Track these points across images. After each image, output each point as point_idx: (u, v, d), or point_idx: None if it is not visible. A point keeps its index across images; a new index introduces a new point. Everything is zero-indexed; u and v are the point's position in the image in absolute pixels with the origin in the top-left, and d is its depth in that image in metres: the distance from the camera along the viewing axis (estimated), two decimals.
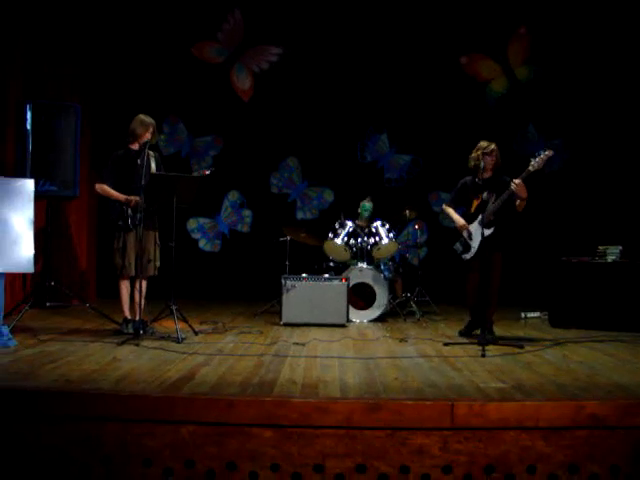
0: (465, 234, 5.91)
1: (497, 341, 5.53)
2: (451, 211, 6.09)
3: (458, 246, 5.99)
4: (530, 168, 5.55)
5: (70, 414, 3.44)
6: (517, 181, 5.50)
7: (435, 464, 3.33)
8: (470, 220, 5.90)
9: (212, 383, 3.88)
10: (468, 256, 5.90)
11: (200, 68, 9.55)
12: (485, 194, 5.77)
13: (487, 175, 5.83)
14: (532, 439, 3.34)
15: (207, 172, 5.91)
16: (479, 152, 5.83)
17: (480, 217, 5.75)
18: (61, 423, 3.43)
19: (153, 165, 5.87)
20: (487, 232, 5.54)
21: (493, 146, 5.82)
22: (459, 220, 5.94)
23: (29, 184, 5.13)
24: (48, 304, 7.02)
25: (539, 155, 5.55)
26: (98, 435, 3.41)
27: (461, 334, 6.08)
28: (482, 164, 5.69)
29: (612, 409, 3.39)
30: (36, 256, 5.18)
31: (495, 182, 5.67)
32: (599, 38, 8.99)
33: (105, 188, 5.74)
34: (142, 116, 5.81)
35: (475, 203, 5.92)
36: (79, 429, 3.42)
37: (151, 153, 5.90)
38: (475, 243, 5.82)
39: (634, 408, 3.41)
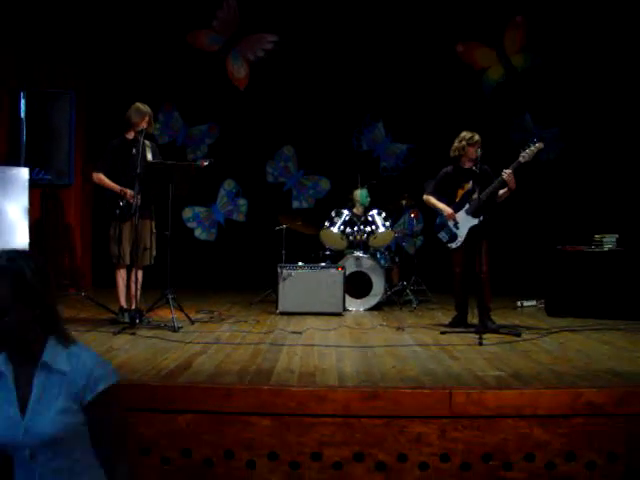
0: (451, 223, 5.89)
1: (499, 329, 5.53)
2: (435, 200, 6.01)
3: (443, 235, 5.95)
4: (520, 159, 5.56)
5: None
6: (508, 171, 5.51)
7: (433, 452, 3.33)
8: (455, 209, 5.88)
9: (209, 372, 3.87)
10: (454, 245, 5.89)
11: (195, 56, 9.49)
12: (470, 183, 5.76)
13: (469, 165, 5.82)
14: (530, 427, 3.34)
15: (205, 163, 5.88)
16: (463, 143, 5.83)
17: (467, 206, 5.76)
18: None
19: (149, 155, 5.83)
20: (477, 220, 5.53)
21: (477, 137, 5.80)
22: (446, 209, 5.90)
23: (23, 172, 5.12)
24: None
25: (529, 147, 5.56)
26: None
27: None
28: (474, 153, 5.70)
29: (609, 397, 3.39)
30: (31, 245, 5.15)
31: (478, 171, 5.65)
32: (596, 26, 8.95)
33: (101, 177, 5.71)
34: (138, 104, 5.77)
35: (460, 192, 5.90)
36: None
37: (147, 142, 5.86)
38: (462, 232, 5.81)
39: (631, 395, 3.41)
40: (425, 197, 6.12)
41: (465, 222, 5.78)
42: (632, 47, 8.78)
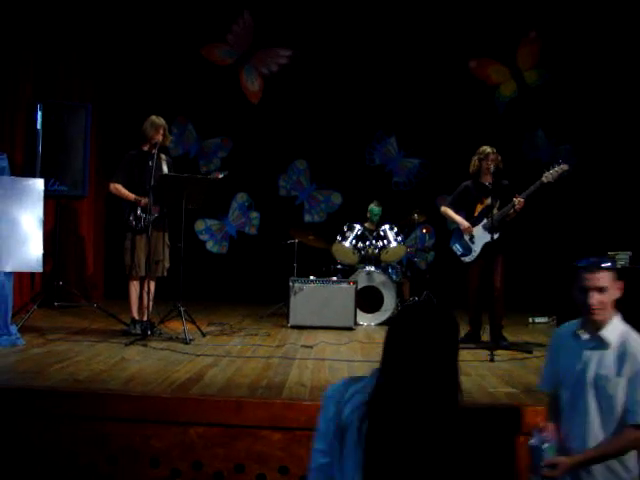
0: (467, 237, 5.89)
1: (510, 346, 5.50)
2: (452, 213, 6.03)
3: (458, 247, 5.95)
4: (543, 179, 5.53)
5: (78, 414, 3.45)
6: (520, 200, 5.54)
7: None
8: (473, 224, 5.88)
9: (220, 385, 3.88)
10: (467, 259, 5.88)
11: (209, 70, 9.57)
12: (489, 199, 5.74)
13: (487, 179, 5.80)
14: None
15: (220, 175, 5.91)
16: (475, 158, 5.88)
17: (485, 221, 5.75)
18: (69, 422, 3.43)
19: (165, 168, 5.89)
20: (494, 236, 5.52)
21: (488, 150, 5.81)
22: (464, 222, 5.90)
23: (39, 183, 5.13)
24: (56, 304, 7.01)
25: (553, 168, 5.52)
26: (105, 435, 3.41)
27: None
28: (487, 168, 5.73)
29: None
30: (45, 256, 5.18)
31: (496, 187, 5.64)
32: (609, 43, 8.96)
33: (118, 187, 5.76)
34: (153, 117, 5.83)
35: (479, 207, 5.90)
36: (86, 428, 3.42)
37: (163, 156, 5.93)
38: (477, 247, 5.81)
39: None
40: (443, 209, 6.14)
41: (481, 237, 5.77)
42: None
